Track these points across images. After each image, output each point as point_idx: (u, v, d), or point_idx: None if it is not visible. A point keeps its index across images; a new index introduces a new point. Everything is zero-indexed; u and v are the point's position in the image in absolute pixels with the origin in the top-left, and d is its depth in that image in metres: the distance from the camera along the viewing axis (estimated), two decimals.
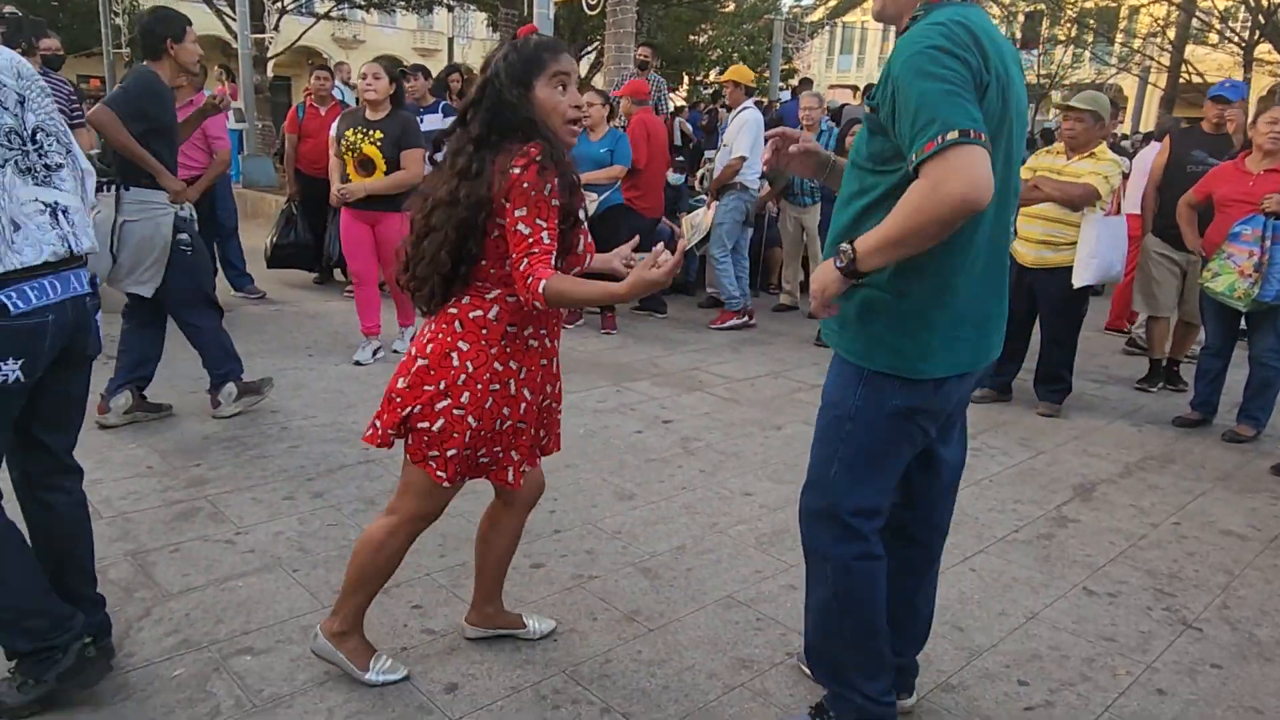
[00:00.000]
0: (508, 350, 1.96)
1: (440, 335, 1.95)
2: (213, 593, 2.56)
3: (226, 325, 5.70)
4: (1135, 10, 17.74)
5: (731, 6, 20.32)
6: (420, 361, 1.96)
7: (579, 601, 2.64)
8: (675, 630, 2.50)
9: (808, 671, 2.27)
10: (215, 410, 4.03)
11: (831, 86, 38.48)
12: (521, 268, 1.80)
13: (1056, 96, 21.53)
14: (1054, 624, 2.63)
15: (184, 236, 3.85)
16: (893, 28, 1.89)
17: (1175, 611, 2.74)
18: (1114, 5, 17.95)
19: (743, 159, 6.07)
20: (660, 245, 1.83)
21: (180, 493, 3.22)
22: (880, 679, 2.00)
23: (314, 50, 29.85)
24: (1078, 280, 4.43)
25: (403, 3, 18.18)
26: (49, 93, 2.09)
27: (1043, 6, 17.97)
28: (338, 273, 7.18)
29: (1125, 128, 20.82)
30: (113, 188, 3.72)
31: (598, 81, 13.58)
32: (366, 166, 4.79)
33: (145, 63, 3.81)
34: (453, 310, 1.96)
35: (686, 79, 21.58)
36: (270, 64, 15.11)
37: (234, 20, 13.08)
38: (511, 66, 1.89)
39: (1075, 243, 4.44)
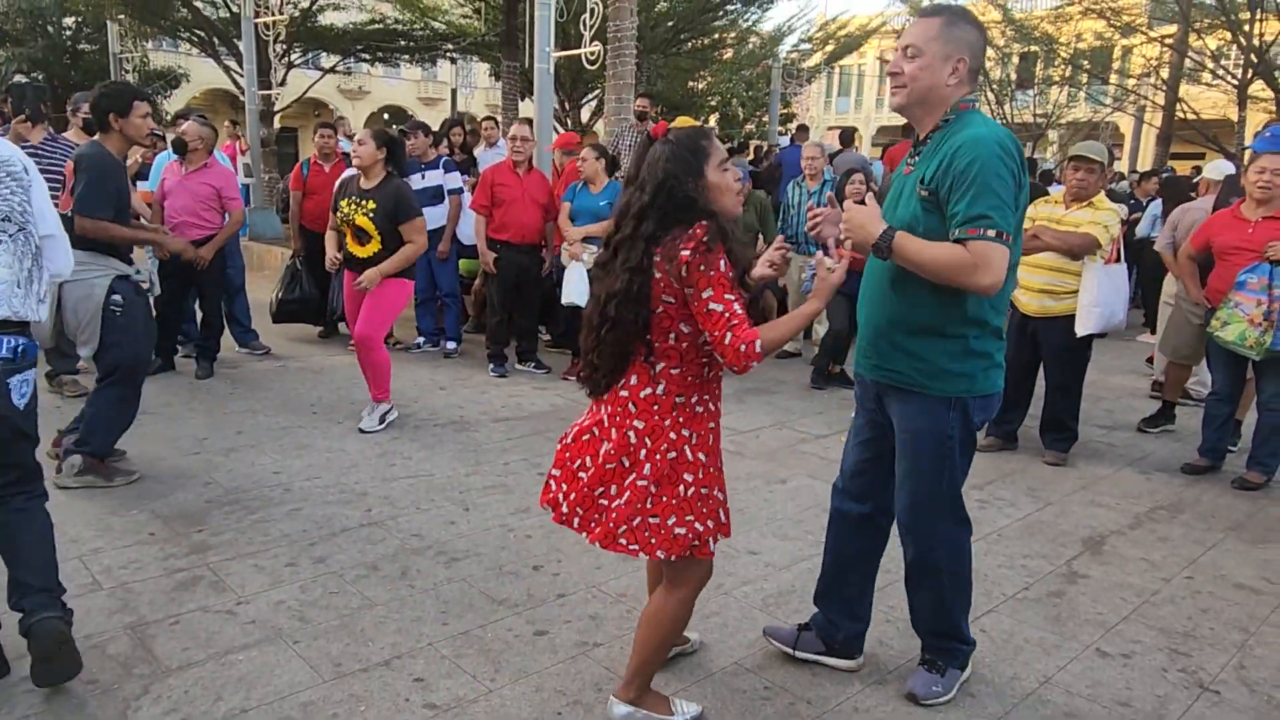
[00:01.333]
0: (680, 420, 2.12)
1: (617, 418, 2.14)
2: (212, 668, 2.53)
3: (231, 381, 5.79)
4: (1128, 51, 17.98)
5: (730, 54, 20.63)
6: (606, 446, 2.14)
7: (583, 671, 2.60)
8: None
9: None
10: (56, 475, 3.71)
11: (830, 128, 39.01)
12: (728, 341, 1.99)
13: (1053, 135, 21.74)
14: (1068, 688, 2.58)
15: (116, 298, 3.79)
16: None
17: (1191, 673, 2.69)
18: (1107, 46, 18.17)
19: None
20: (820, 254, 2.23)
21: (182, 560, 3.20)
22: (968, 611, 2.56)
23: (321, 102, 30.37)
24: (1081, 329, 4.43)
25: (406, 55, 18.45)
26: (17, 177, 2.32)
27: (1036, 49, 18.20)
28: (342, 325, 7.21)
29: (1124, 166, 20.98)
30: None
31: (599, 129, 13.75)
32: (361, 237, 4.78)
33: (95, 137, 3.90)
34: (624, 393, 2.14)
35: None
36: (277, 117, 15.34)
37: (241, 75, 13.30)
38: (684, 163, 2.07)
39: (1076, 291, 4.44)
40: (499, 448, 4.64)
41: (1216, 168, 6.42)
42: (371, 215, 4.70)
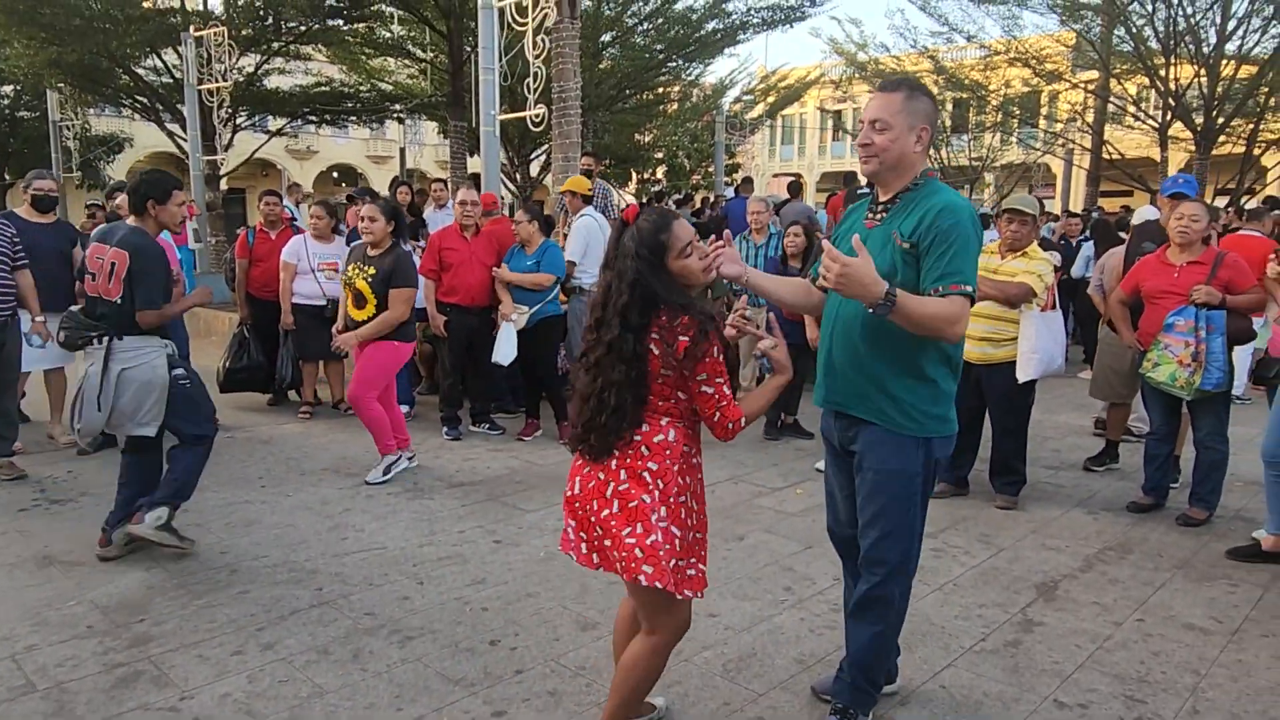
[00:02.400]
0: (683, 468, 2.27)
1: (630, 460, 2.23)
2: None
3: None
4: (1055, 96, 18.73)
5: (675, 107, 21.05)
6: (618, 486, 2.23)
7: None
8: None
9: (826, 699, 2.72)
10: (133, 527, 3.80)
11: (775, 175, 39.86)
12: (717, 418, 2.21)
13: (989, 178, 22.46)
14: None
15: (179, 371, 3.94)
16: (828, 119, 2.64)
17: None
18: (1035, 92, 18.91)
19: (573, 264, 6.37)
20: (761, 335, 2.32)
21: (122, 654, 3.08)
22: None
23: (269, 162, 30.23)
24: (1022, 375, 4.54)
25: (353, 117, 18.49)
26: None
27: (967, 95, 18.87)
28: (292, 394, 7.10)
29: (1056, 205, 21.72)
30: (103, 339, 3.76)
31: (548, 184, 13.88)
32: (359, 301, 5.05)
33: (130, 221, 3.94)
34: (637, 438, 2.24)
35: (635, 176, 22.18)
36: (224, 179, 15.21)
37: (186, 140, 13.20)
38: (647, 263, 2.20)
39: (1015, 338, 4.56)
40: (454, 515, 4.58)
41: (1143, 214, 6.68)
42: (370, 280, 4.97)
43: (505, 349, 5.89)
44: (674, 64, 17.80)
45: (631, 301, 2.19)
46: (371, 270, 4.97)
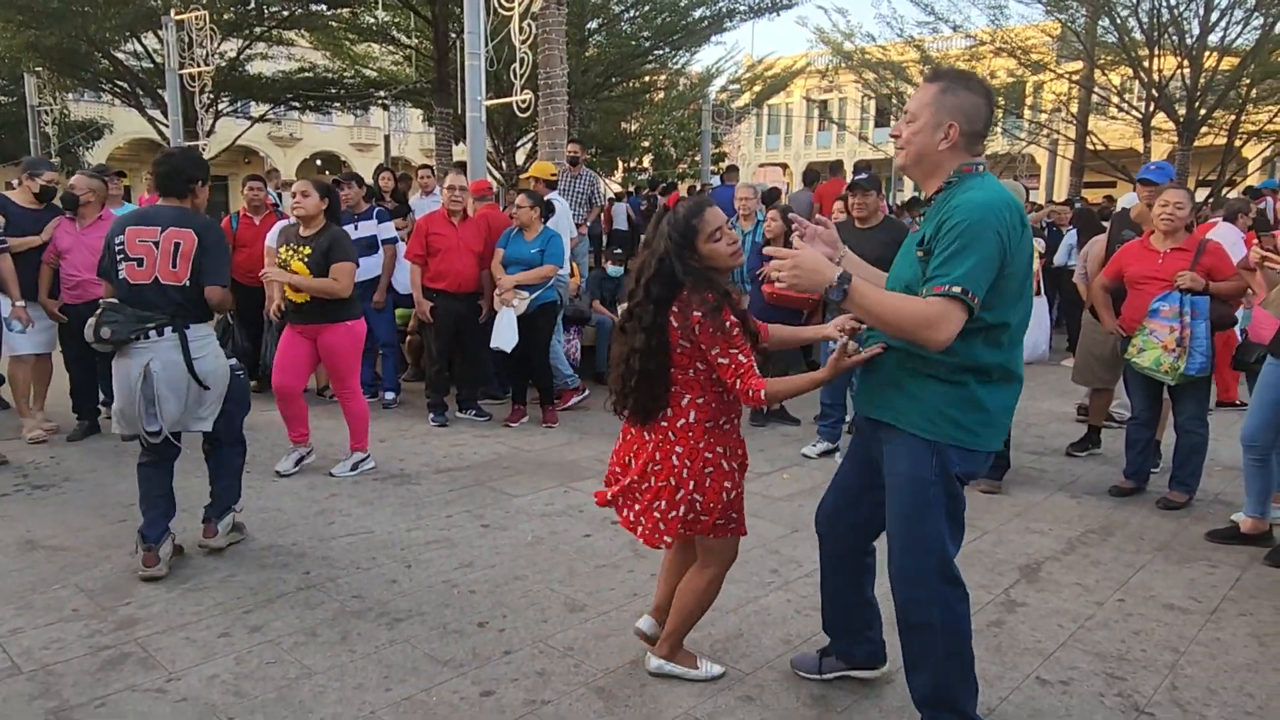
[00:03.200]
0: (711, 441, 2.54)
1: (662, 444, 2.55)
2: None
3: None
4: (1039, 87, 18.82)
5: (661, 96, 21.00)
6: (654, 466, 2.56)
7: None
8: None
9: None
10: (207, 540, 3.77)
11: (761, 165, 39.86)
12: (738, 387, 2.41)
13: None
14: (1010, 719, 2.63)
15: (235, 361, 3.83)
16: (812, 114, 2.50)
17: (1127, 697, 2.76)
18: (1020, 83, 18.99)
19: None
20: (848, 340, 2.34)
21: (108, 637, 3.06)
22: (976, 696, 2.40)
23: (251, 149, 29.99)
24: None
25: (337, 103, 18.36)
26: None
27: None
28: None
29: (1040, 196, 21.85)
30: (167, 330, 3.52)
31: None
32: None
33: (174, 201, 3.70)
34: (664, 424, 2.54)
35: (621, 165, 22.13)
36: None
37: (167, 125, 13.07)
38: (677, 243, 2.45)
39: None
40: (441, 500, 4.57)
41: (1128, 201, 6.73)
42: (307, 260, 4.76)
43: (506, 334, 5.83)
44: (660, 52, 17.78)
45: (656, 276, 2.46)
46: (307, 250, 4.75)
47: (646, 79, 20.00)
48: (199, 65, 12.12)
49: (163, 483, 3.70)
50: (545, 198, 6.60)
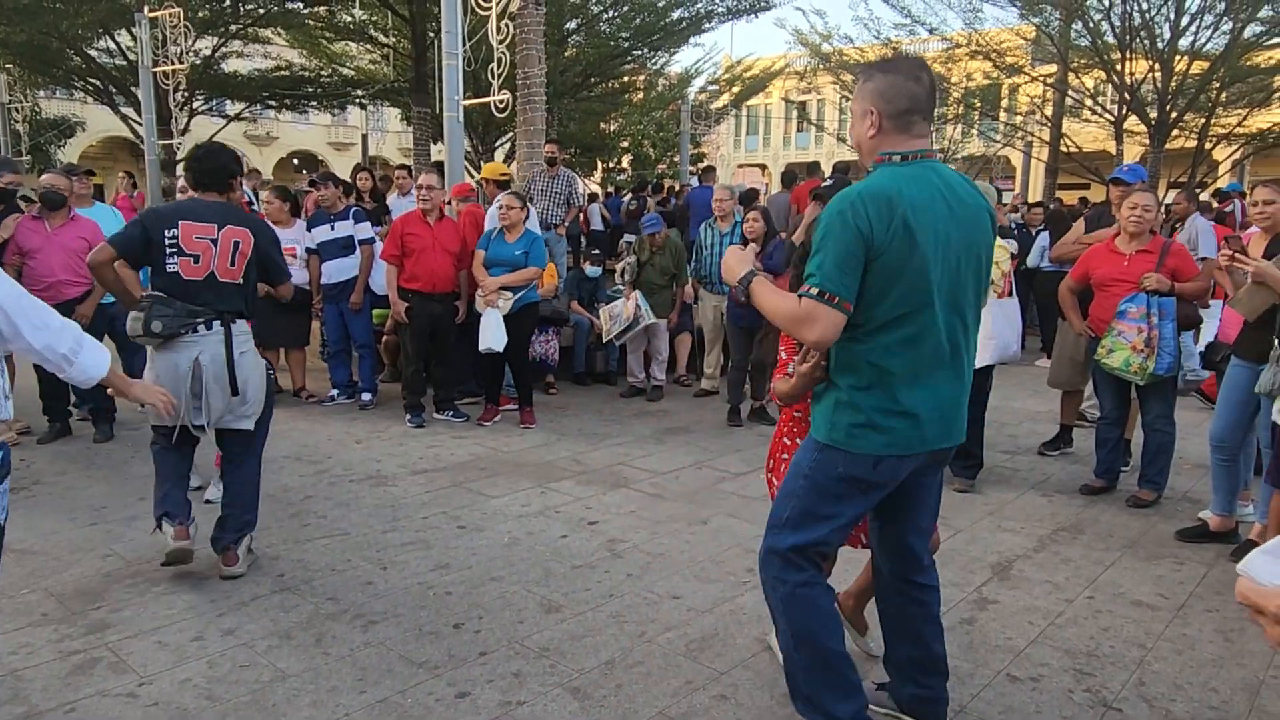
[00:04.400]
0: (793, 429, 2.71)
1: (787, 430, 2.79)
2: None
3: (133, 443, 5.55)
4: (1015, 89, 19.02)
5: (640, 96, 21.01)
6: (785, 455, 2.75)
7: None
8: None
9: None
10: (229, 569, 3.55)
11: (740, 165, 39.95)
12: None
13: (951, 169, 22.75)
14: (981, 716, 2.66)
15: (266, 361, 3.82)
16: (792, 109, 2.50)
17: (1095, 692, 2.81)
18: (995, 85, 19.17)
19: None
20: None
21: (78, 641, 3.03)
22: (852, 701, 2.30)
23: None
24: (979, 361, 4.61)
25: (314, 102, 18.21)
26: None
27: None
28: None
29: (1015, 197, 22.03)
30: (214, 324, 3.51)
31: (512, 171, 13.81)
32: None
33: (216, 195, 3.67)
34: (797, 414, 2.72)
35: (600, 165, 22.12)
36: (180, 165, 14.92)
37: (140, 124, 12.91)
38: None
39: None
40: (417, 502, 4.56)
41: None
42: None
43: (495, 335, 5.80)
44: (639, 52, 17.79)
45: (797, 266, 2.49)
46: None
47: (625, 79, 20.01)
48: (173, 63, 11.99)
49: (179, 466, 3.66)
50: (497, 199, 6.62)
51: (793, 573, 2.29)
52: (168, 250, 3.50)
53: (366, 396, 6.72)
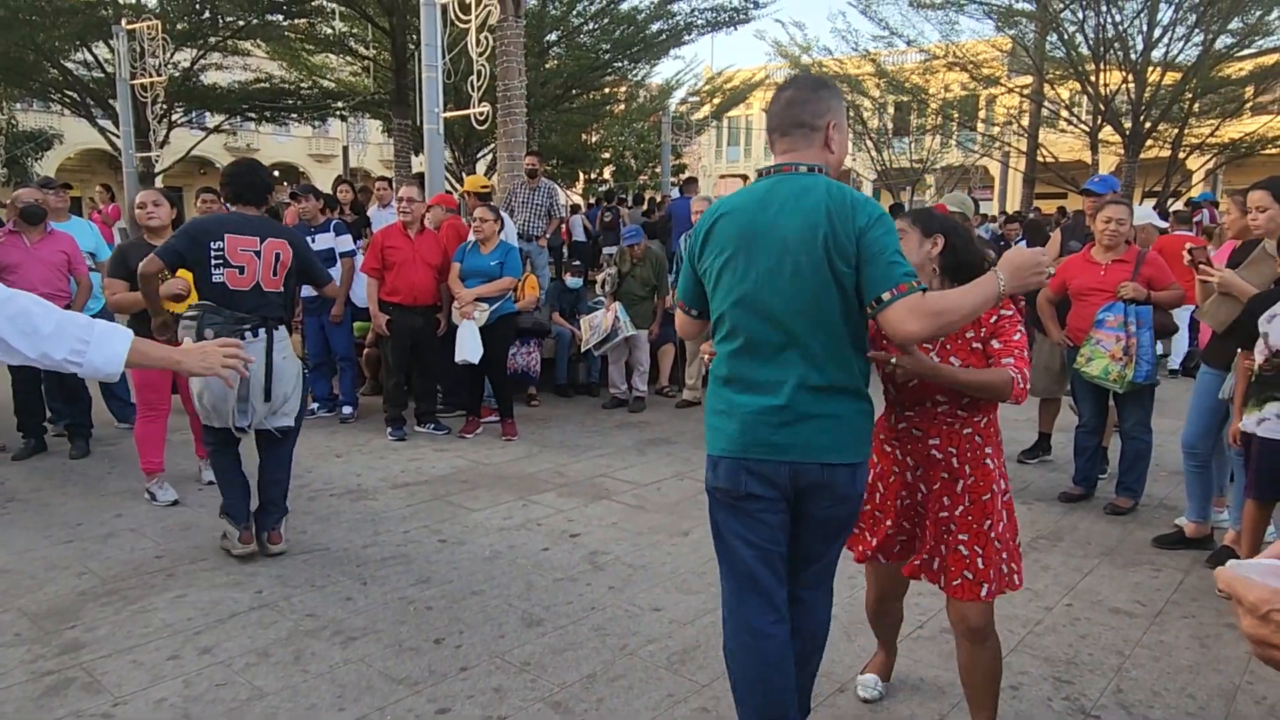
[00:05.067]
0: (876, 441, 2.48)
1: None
2: None
3: (110, 459, 5.50)
4: (992, 100, 19.26)
5: (621, 108, 21.07)
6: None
7: None
8: None
9: None
10: (275, 547, 3.93)
11: (722, 176, 40.13)
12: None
13: (929, 179, 22.98)
14: None
15: (299, 361, 4.06)
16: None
17: (1074, 700, 2.82)
18: (973, 96, 19.40)
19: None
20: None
21: (52, 661, 2.99)
22: None
23: (207, 160, 29.48)
24: None
25: (295, 114, 18.16)
26: None
27: (907, 99, 19.29)
28: None
29: (994, 207, 22.30)
30: (260, 331, 3.75)
31: (494, 183, 13.82)
32: (180, 298, 4.34)
33: (252, 209, 3.91)
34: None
35: (582, 176, 22.16)
36: (159, 177, 14.79)
37: (118, 136, 12.82)
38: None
39: None
40: (399, 516, 4.53)
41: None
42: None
43: (471, 346, 5.83)
44: (620, 64, 17.86)
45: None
46: None
47: (606, 91, 20.06)
48: (151, 75, 11.92)
49: (234, 465, 3.97)
50: (476, 213, 6.64)
51: (733, 621, 2.39)
52: (213, 262, 3.72)
53: (347, 410, 6.68)
